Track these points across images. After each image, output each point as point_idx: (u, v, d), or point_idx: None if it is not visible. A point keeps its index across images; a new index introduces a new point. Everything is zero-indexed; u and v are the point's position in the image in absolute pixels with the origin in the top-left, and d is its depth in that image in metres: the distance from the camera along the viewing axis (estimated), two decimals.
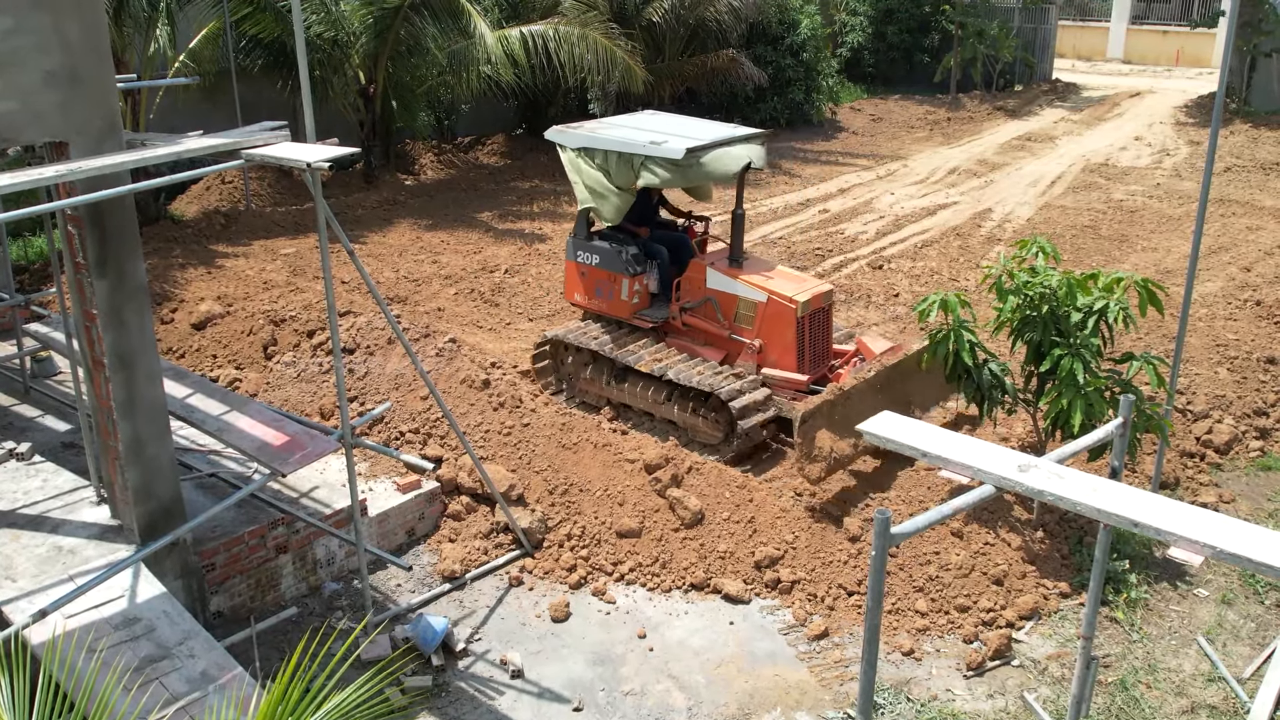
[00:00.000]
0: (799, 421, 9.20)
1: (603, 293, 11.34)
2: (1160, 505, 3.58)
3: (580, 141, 10.88)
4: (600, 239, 11.41)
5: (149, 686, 6.23)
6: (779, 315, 10.36)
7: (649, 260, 11.28)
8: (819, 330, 10.59)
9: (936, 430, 4.07)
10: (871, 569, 3.69)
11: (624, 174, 10.51)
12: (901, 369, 10.20)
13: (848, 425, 9.40)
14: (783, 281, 10.63)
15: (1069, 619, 8.37)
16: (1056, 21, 38.23)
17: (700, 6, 25.36)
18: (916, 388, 10.33)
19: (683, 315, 11.03)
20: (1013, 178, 23.23)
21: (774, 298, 10.39)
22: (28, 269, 15.90)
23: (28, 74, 6.37)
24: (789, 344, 10.36)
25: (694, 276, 10.93)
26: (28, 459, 8.97)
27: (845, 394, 9.61)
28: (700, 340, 11.00)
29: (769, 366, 10.55)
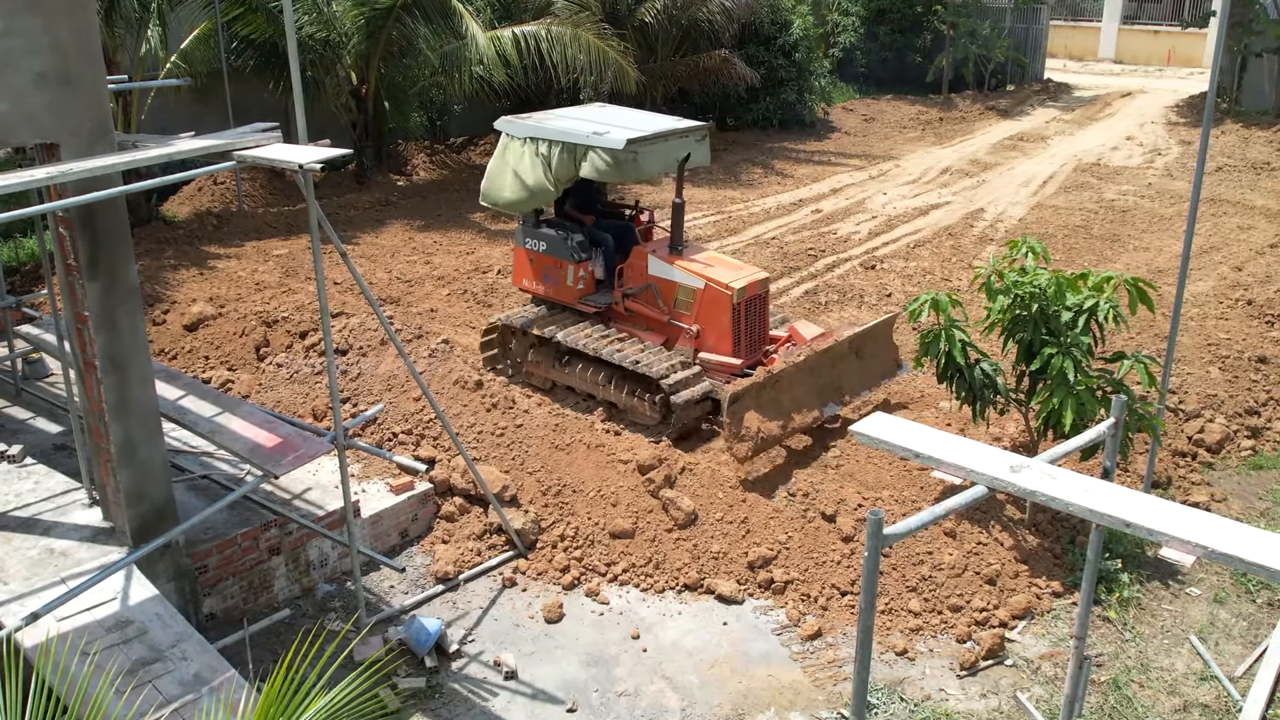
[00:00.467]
0: (727, 402, 9.59)
1: (550, 278, 11.68)
2: (1152, 505, 3.59)
3: (527, 131, 11.17)
4: (548, 226, 11.72)
5: (142, 689, 6.22)
6: (716, 302, 10.65)
7: (594, 247, 11.60)
8: (755, 317, 10.89)
9: (929, 431, 4.08)
10: (864, 570, 3.70)
11: (566, 164, 10.79)
12: (832, 354, 10.60)
13: (777, 407, 9.92)
14: (720, 269, 10.93)
15: (1062, 618, 8.38)
16: (1048, 21, 38.36)
17: (693, 7, 25.36)
18: (847, 373, 10.80)
19: (625, 301, 11.33)
20: (1005, 177, 23.27)
21: (711, 285, 10.67)
22: (19, 270, 15.86)
23: (19, 76, 6.35)
24: (725, 329, 10.66)
25: (636, 264, 11.24)
26: (19, 461, 8.95)
27: (774, 377, 9.95)
28: (642, 325, 11.31)
29: (706, 351, 10.84)
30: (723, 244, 17.85)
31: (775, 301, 14.88)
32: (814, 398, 10.41)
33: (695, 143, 11.05)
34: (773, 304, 14.71)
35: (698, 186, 22.57)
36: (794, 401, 10.15)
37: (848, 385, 10.80)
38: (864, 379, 11.01)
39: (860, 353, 11.04)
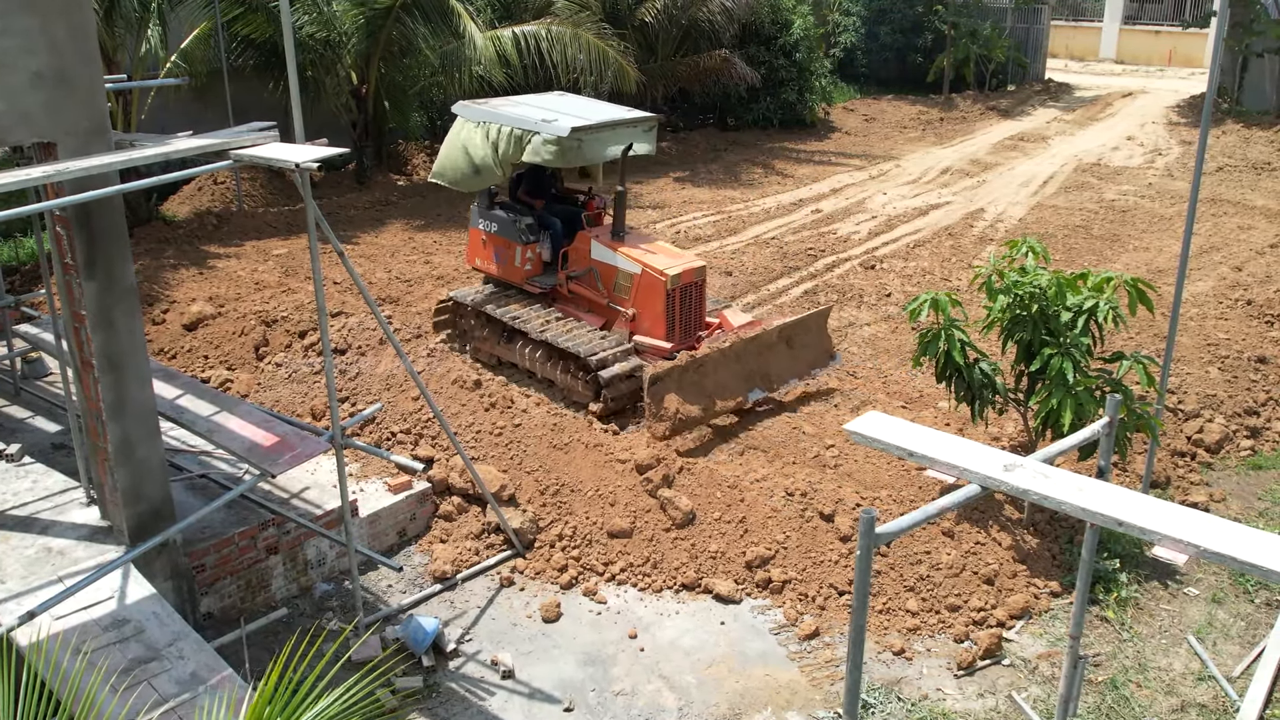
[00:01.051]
0: (648, 384, 10.13)
1: (500, 259, 12.21)
2: (1145, 505, 3.59)
3: (481, 115, 11.63)
4: (500, 209, 12.21)
5: (138, 688, 6.21)
6: (651, 287, 11.00)
7: (542, 230, 12.03)
8: (690, 303, 11.20)
9: (923, 430, 4.07)
10: (857, 569, 3.69)
11: (514, 149, 11.17)
12: (760, 342, 10.99)
13: (699, 390, 10.42)
14: (658, 256, 11.25)
15: (1059, 618, 8.38)
16: (1049, 22, 38.35)
17: (693, 7, 25.36)
18: (774, 362, 11.16)
19: (569, 283, 11.75)
20: (1005, 178, 23.26)
21: (647, 270, 11.02)
22: (19, 270, 15.86)
23: (15, 75, 6.35)
24: (659, 314, 11.01)
25: (580, 247, 11.66)
26: (17, 460, 8.95)
27: (697, 361, 10.43)
28: (584, 307, 11.72)
29: (641, 334, 11.21)
30: (723, 244, 17.85)
31: (774, 301, 14.89)
32: (739, 383, 10.76)
33: (643, 133, 11.46)
34: (772, 303, 14.71)
35: (698, 186, 22.59)
36: (717, 386, 10.56)
37: (776, 373, 11.16)
38: (794, 368, 11.37)
39: (791, 342, 11.38)
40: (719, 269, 16.17)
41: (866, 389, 11.86)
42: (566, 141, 10.68)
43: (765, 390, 11.01)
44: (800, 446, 10.33)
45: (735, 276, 15.85)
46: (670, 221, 19.48)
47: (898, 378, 12.19)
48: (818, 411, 11.18)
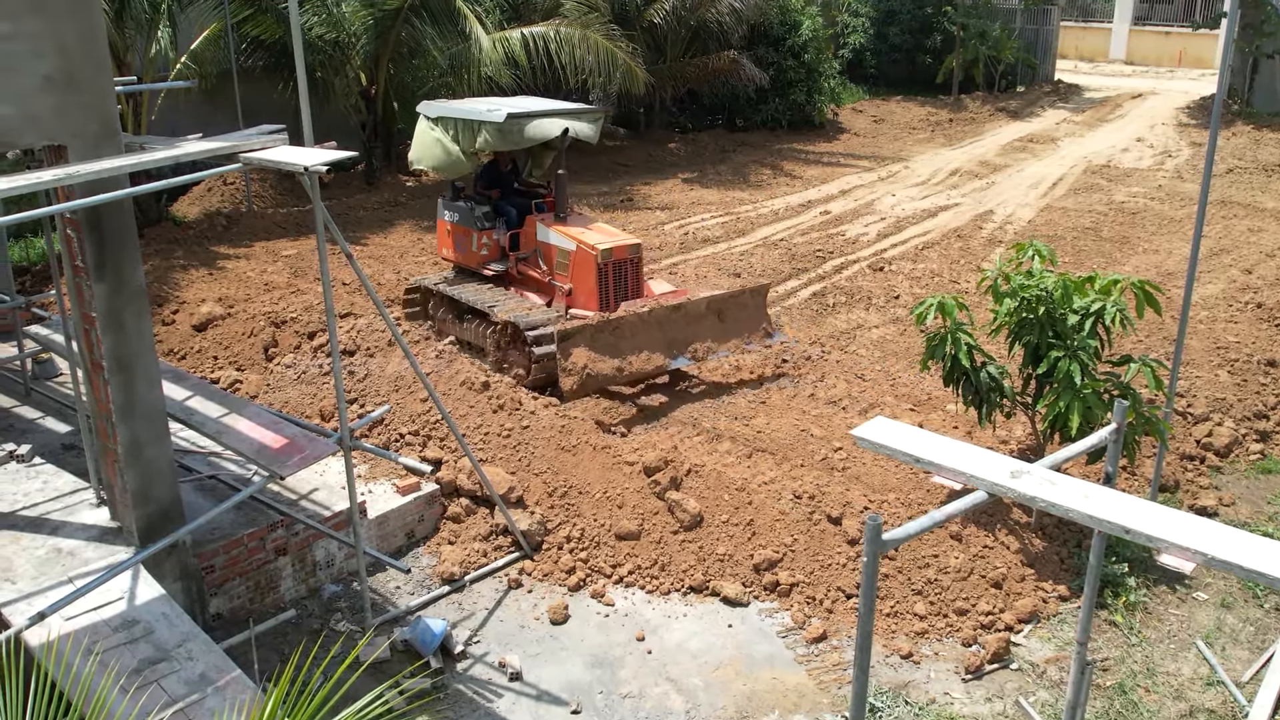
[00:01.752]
0: (558, 339, 10.84)
1: (460, 246, 13.13)
2: (1152, 512, 3.59)
3: (438, 112, 12.90)
4: (461, 200, 13.19)
5: (147, 688, 6.24)
6: (584, 262, 11.81)
7: (498, 218, 12.96)
8: (623, 278, 11.91)
9: (929, 436, 4.08)
10: (864, 575, 3.70)
11: (467, 138, 12.37)
12: (685, 312, 11.65)
13: (613, 350, 11.10)
14: (592, 234, 12.12)
15: (1068, 622, 8.37)
16: (1058, 23, 38.27)
17: (702, 8, 25.38)
18: (704, 333, 11.79)
19: (518, 265, 12.74)
20: (1014, 179, 23.24)
21: (581, 246, 11.88)
22: (29, 270, 15.93)
23: (24, 78, 6.38)
24: (591, 288, 11.76)
25: (528, 231, 12.71)
26: (28, 460, 8.99)
27: (610, 322, 11.09)
28: (532, 287, 12.64)
29: (577, 307, 11.94)
30: (731, 245, 17.86)
31: (783, 303, 14.89)
32: (661, 348, 11.41)
33: (588, 122, 12.53)
34: (780, 305, 14.71)
35: (706, 187, 22.60)
36: (634, 348, 11.21)
37: (704, 344, 11.74)
38: (723, 340, 11.89)
39: (722, 316, 11.94)
40: (727, 270, 16.18)
41: (875, 391, 11.86)
42: (505, 126, 11.83)
43: (691, 359, 11.60)
44: (808, 449, 10.33)
45: (744, 278, 15.85)
46: (679, 223, 19.50)
47: (906, 380, 12.18)
48: (819, 411, 11.19)
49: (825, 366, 12.56)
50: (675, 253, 17.29)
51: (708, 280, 15.54)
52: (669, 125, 28.23)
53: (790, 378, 12.23)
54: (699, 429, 10.85)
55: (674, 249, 17.53)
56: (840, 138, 28.68)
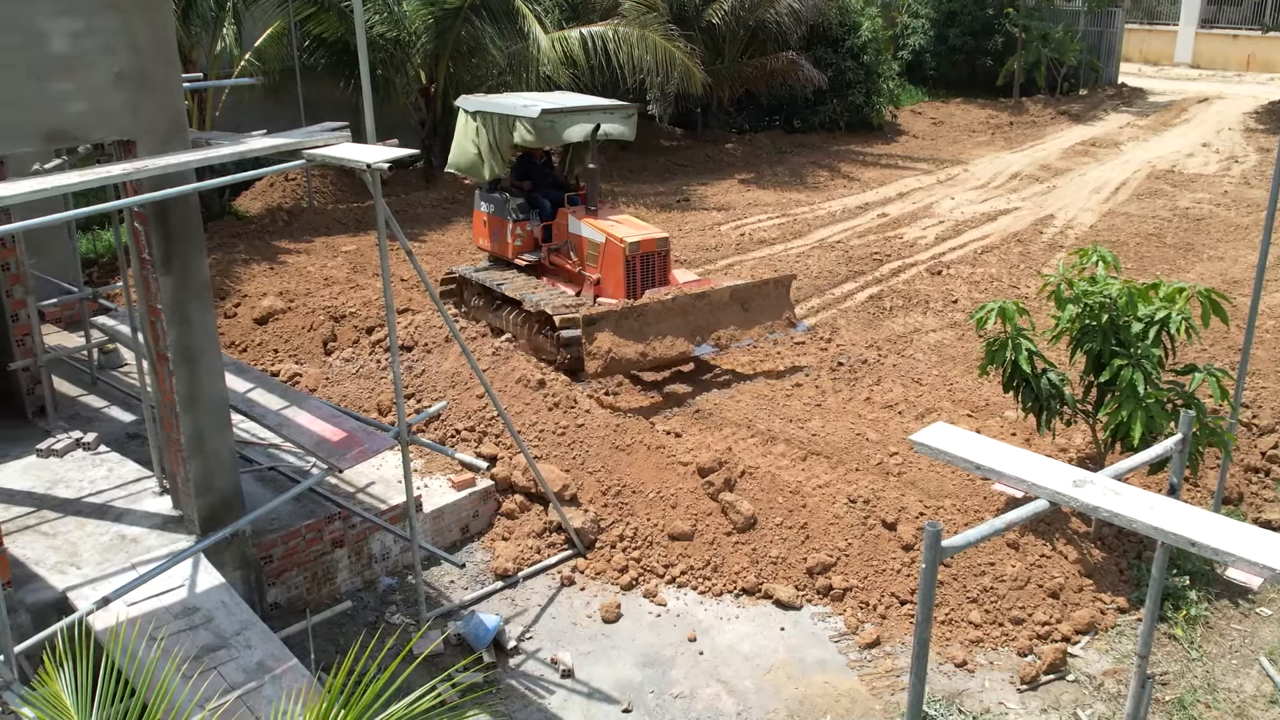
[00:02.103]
0: (583, 323, 11.20)
1: (496, 236, 13.63)
2: (1219, 525, 3.53)
3: (476, 106, 13.32)
4: (497, 192, 13.57)
5: (207, 675, 6.34)
6: (613, 253, 12.24)
7: (532, 210, 13.38)
8: (650, 269, 12.31)
9: (990, 443, 4.04)
10: (921, 583, 3.67)
11: (504, 133, 12.82)
12: (709, 301, 11.95)
13: (637, 335, 11.41)
14: (622, 227, 12.54)
15: (1126, 635, 8.24)
16: (1123, 25, 37.69)
17: (760, 8, 25.29)
18: (727, 321, 12.07)
19: (549, 255, 13.16)
20: (1076, 183, 22.93)
21: (610, 239, 12.30)
22: (96, 262, 16.24)
23: (97, 75, 6.51)
24: (620, 278, 12.18)
25: (560, 223, 13.16)
26: (94, 449, 9.16)
27: (635, 309, 11.44)
28: (563, 277, 13.06)
29: (605, 296, 12.39)
30: (787, 247, 17.79)
31: (839, 305, 14.82)
32: (685, 335, 11.70)
33: (621, 119, 12.90)
34: (837, 308, 14.64)
35: (763, 188, 22.53)
36: (658, 334, 11.54)
37: (726, 330, 12.05)
38: (746, 328, 12.21)
39: (746, 305, 12.24)
40: (784, 272, 16.11)
41: (931, 396, 11.76)
42: (539, 122, 12.21)
43: (715, 347, 11.95)
44: (864, 453, 10.27)
45: (800, 280, 15.79)
46: (735, 224, 19.46)
47: (964, 385, 12.07)
48: (875, 415, 11.12)
49: (881, 370, 12.48)
50: (731, 253, 17.26)
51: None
52: (726, 126, 28.18)
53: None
54: (754, 430, 10.82)
55: (730, 250, 17.49)
56: (899, 140, 28.46)
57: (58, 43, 6.30)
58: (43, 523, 8.01)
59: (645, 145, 25.51)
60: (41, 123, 6.37)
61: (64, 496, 8.42)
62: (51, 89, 6.33)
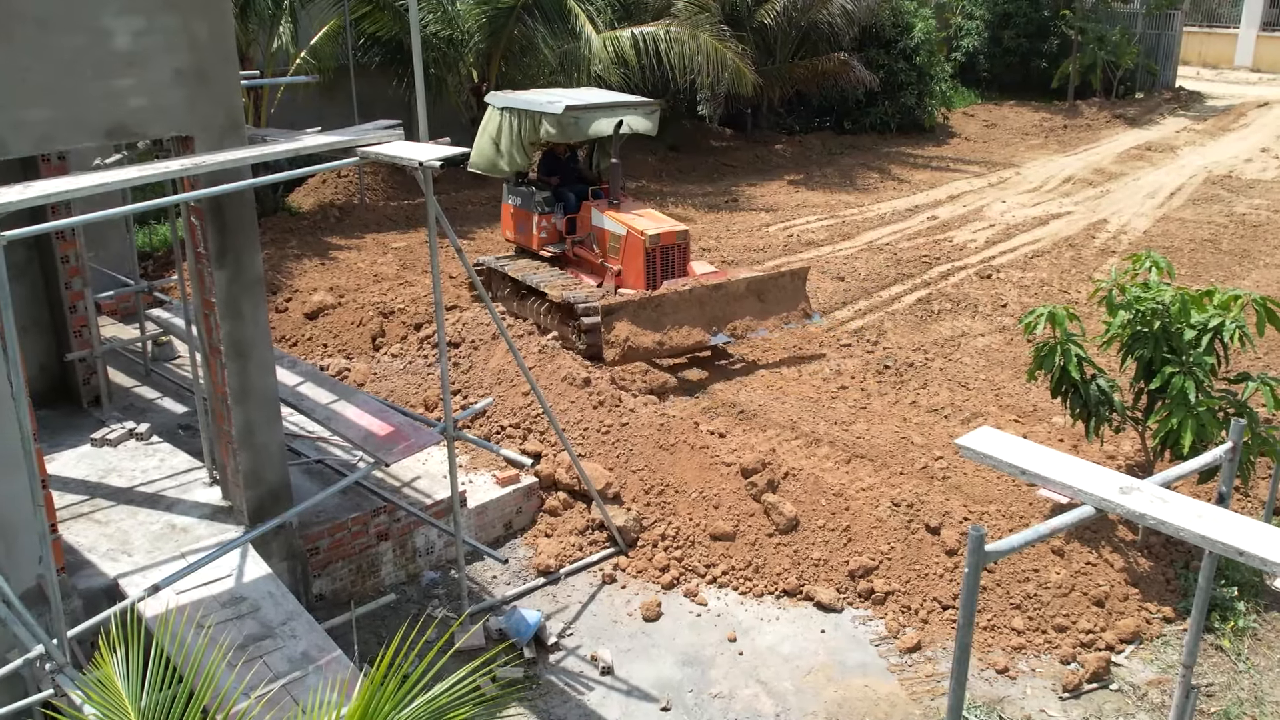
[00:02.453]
0: (603, 313, 11.67)
1: (522, 229, 14.11)
2: (1268, 535, 3.49)
3: (504, 102, 13.76)
4: (524, 186, 14.04)
5: (252, 664, 6.44)
6: (634, 246, 12.60)
7: (558, 204, 13.79)
8: (670, 261, 12.66)
9: (1037, 448, 4.02)
10: (964, 587, 3.66)
11: (530, 129, 13.19)
12: (725, 292, 12.38)
13: (655, 324, 11.87)
14: (642, 220, 12.90)
15: (1172, 645, 8.15)
16: (1181, 28, 37.12)
17: (813, 9, 25.20)
18: (743, 311, 12.47)
19: (573, 247, 13.59)
20: (1130, 188, 22.64)
21: (631, 232, 12.65)
22: (151, 256, 16.51)
23: (157, 71, 6.63)
24: (640, 270, 12.52)
25: (584, 216, 13.52)
26: (146, 439, 9.33)
27: (653, 299, 11.92)
28: (586, 268, 13.45)
29: (626, 287, 12.69)
30: (835, 248, 17.72)
31: (887, 308, 14.75)
32: (702, 325, 12.15)
33: (643, 115, 13.30)
34: (884, 310, 14.57)
35: (812, 190, 22.46)
36: (675, 323, 11.99)
37: (743, 322, 12.44)
38: (762, 318, 12.58)
39: (762, 296, 12.65)
40: (830, 274, 16.07)
41: (978, 401, 11.68)
42: (564, 118, 12.61)
43: (731, 336, 12.39)
44: (908, 457, 10.22)
45: (847, 282, 15.73)
46: (783, 225, 19.41)
47: (1011, 391, 11.97)
48: (921, 419, 11.06)
49: (928, 374, 12.41)
50: (779, 254, 17.22)
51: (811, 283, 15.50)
52: (776, 127, 28.10)
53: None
54: (798, 432, 10.81)
55: (778, 251, 17.46)
56: (950, 142, 28.24)
57: (120, 40, 6.43)
58: (96, 510, 8.17)
59: (694, 145, 25.52)
60: (103, 118, 6.51)
61: (117, 485, 8.58)
62: (113, 85, 6.46)
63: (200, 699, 4.90)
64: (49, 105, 6.25)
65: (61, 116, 6.33)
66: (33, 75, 6.15)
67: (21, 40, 6.08)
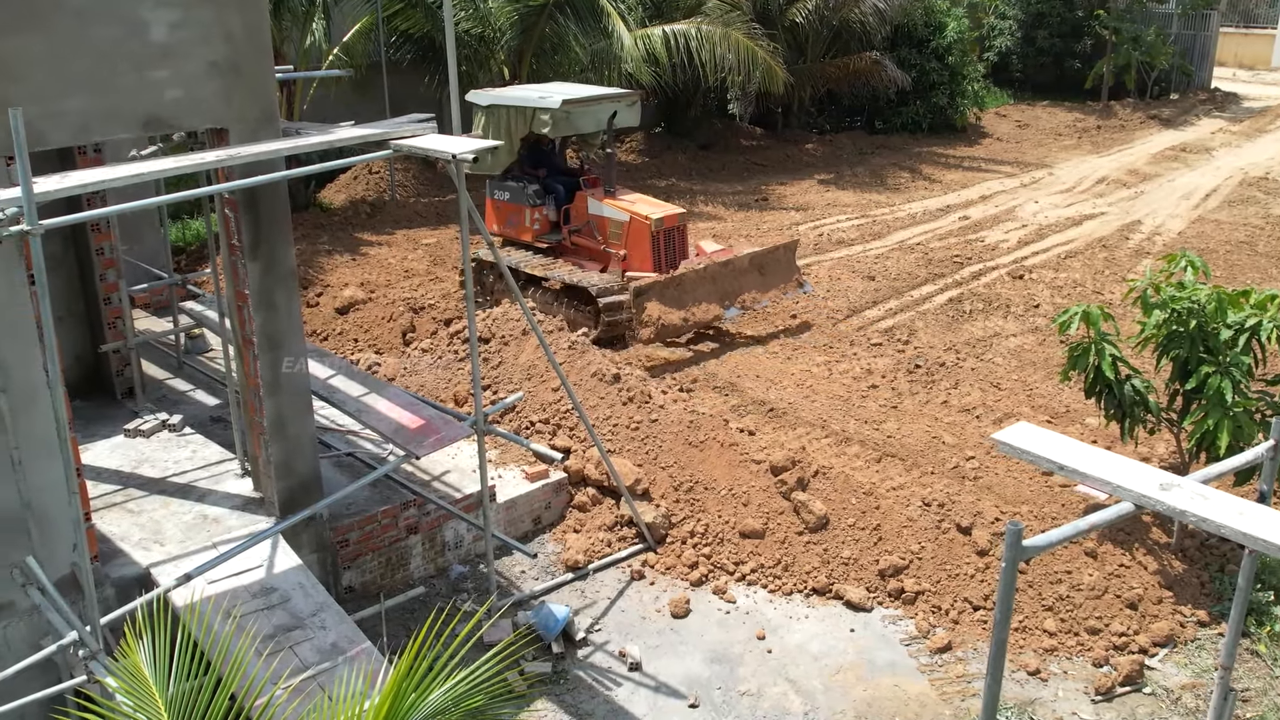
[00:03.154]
0: (633, 295, 12.29)
1: (513, 222, 14.38)
2: None
3: (489, 100, 14.02)
4: (510, 180, 14.39)
5: (281, 654, 6.46)
6: (639, 230, 13.09)
7: (547, 195, 14.12)
8: (672, 243, 13.26)
9: (1075, 444, 3.97)
10: (1001, 582, 3.62)
11: (521, 124, 13.46)
12: (733, 267, 13.33)
13: (678, 302, 12.60)
14: (643, 206, 13.48)
15: (1206, 649, 8.05)
16: (1218, 28, 36.72)
17: (845, 8, 25.09)
18: (748, 284, 13.47)
19: (570, 236, 13.93)
20: (1164, 189, 22.41)
21: (635, 217, 13.16)
22: (185, 251, 16.63)
23: (192, 64, 6.67)
24: (646, 252, 13.05)
25: (579, 205, 13.90)
26: (179, 430, 9.39)
27: (675, 279, 12.67)
28: (585, 256, 13.85)
29: (633, 270, 13.08)
30: (866, 248, 17.64)
31: (918, 308, 14.67)
32: (716, 299, 12.96)
33: (626, 107, 13.73)
34: (915, 310, 14.50)
35: (842, 189, 22.36)
36: (695, 300, 12.74)
37: (749, 293, 13.40)
38: (765, 290, 13.59)
39: (762, 269, 13.56)
40: (861, 273, 15.99)
41: (1010, 401, 11.59)
42: (557, 113, 12.98)
43: (741, 309, 13.30)
44: (939, 456, 10.15)
45: (878, 281, 15.65)
46: (813, 224, 19.33)
47: (1043, 391, 11.87)
48: (952, 419, 10.98)
49: (959, 374, 12.32)
50: (809, 254, 17.14)
51: (842, 282, 15.44)
52: (807, 126, 28.00)
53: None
54: (828, 430, 10.76)
55: (808, 250, 17.38)
56: (982, 142, 28.04)
57: (156, 32, 6.47)
58: (129, 500, 8.23)
59: (725, 144, 25.47)
60: (139, 110, 6.55)
61: (149, 476, 8.64)
62: (149, 77, 6.50)
63: (228, 688, 4.92)
64: (86, 96, 6.30)
65: (98, 108, 6.38)
66: (70, 66, 6.20)
67: (60, 31, 6.13)
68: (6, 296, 6.13)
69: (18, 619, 6.55)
